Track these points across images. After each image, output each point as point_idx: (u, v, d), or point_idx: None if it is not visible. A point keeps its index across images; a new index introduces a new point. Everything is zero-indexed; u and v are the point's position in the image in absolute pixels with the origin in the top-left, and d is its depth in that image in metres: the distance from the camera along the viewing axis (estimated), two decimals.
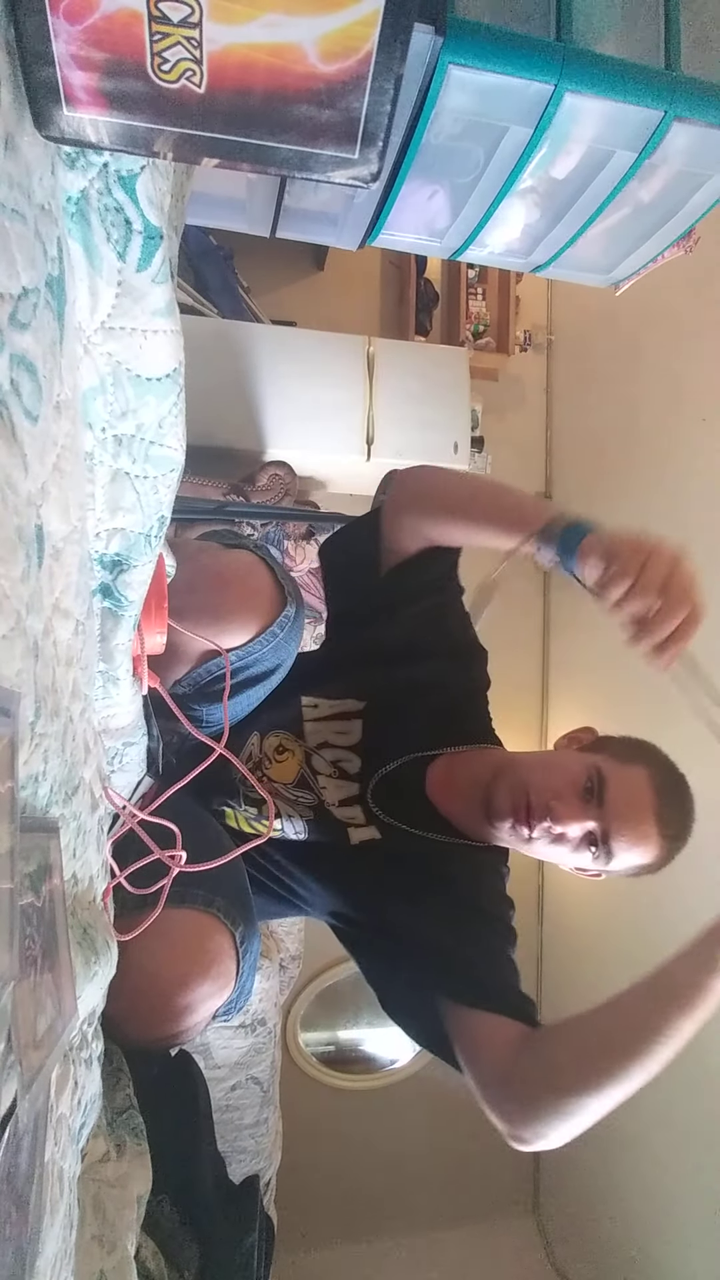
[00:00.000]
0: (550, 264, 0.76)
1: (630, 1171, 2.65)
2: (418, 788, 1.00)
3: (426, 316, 3.28)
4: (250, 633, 0.86)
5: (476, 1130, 2.98)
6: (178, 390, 0.50)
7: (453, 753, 1.02)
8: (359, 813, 1.00)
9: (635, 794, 0.89)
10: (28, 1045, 0.37)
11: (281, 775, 1.03)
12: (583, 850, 0.89)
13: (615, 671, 2.89)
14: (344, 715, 1.02)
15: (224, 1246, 0.81)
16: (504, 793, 0.92)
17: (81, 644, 0.51)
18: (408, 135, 0.59)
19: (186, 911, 0.76)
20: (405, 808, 0.99)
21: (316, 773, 1.02)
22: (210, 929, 0.77)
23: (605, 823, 0.88)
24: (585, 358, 3.26)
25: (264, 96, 0.35)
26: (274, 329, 2.70)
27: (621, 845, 0.88)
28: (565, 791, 0.90)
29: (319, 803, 1.01)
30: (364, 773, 1.01)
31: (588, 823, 0.88)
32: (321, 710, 1.03)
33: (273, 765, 1.03)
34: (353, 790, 1.01)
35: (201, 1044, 1.72)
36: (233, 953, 0.77)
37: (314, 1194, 2.93)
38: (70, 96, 0.34)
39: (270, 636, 0.87)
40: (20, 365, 0.35)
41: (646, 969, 0.82)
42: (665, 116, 0.58)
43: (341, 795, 1.01)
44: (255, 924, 0.83)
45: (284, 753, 1.03)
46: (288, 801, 1.02)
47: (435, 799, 1.00)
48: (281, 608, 0.87)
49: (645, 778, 0.90)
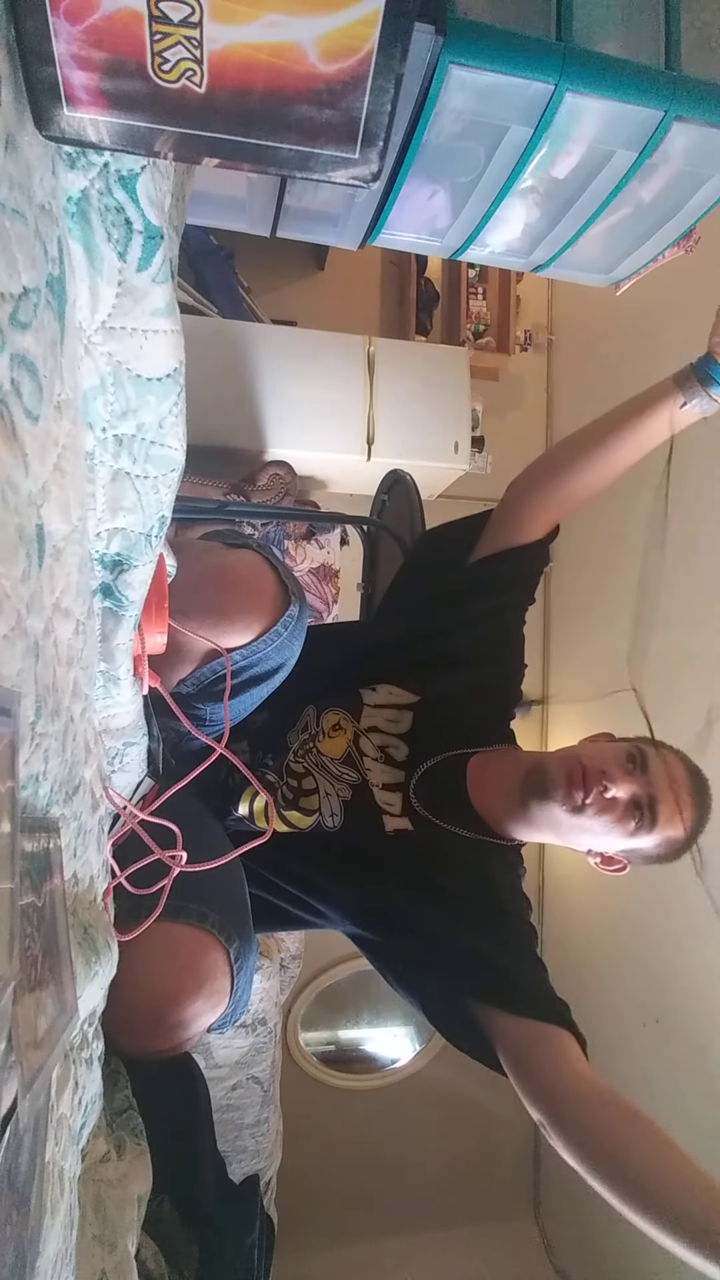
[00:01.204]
0: (551, 263, 0.76)
1: None
2: (458, 783, 1.04)
3: (427, 316, 3.29)
4: (254, 632, 0.86)
5: (477, 1131, 2.98)
6: (178, 390, 0.50)
7: (489, 751, 1.07)
8: (396, 800, 1.03)
9: (673, 769, 0.96)
10: (28, 1045, 0.37)
11: (331, 750, 1.06)
12: (626, 820, 0.94)
13: (617, 672, 2.89)
14: (398, 705, 1.07)
15: (224, 1246, 0.81)
16: (557, 766, 0.97)
17: (82, 644, 0.51)
18: (408, 135, 0.59)
19: (181, 927, 0.75)
20: (442, 802, 1.03)
21: (363, 754, 1.05)
22: (205, 945, 0.76)
23: (651, 789, 0.94)
24: (586, 357, 3.26)
25: (264, 96, 0.35)
26: (274, 329, 2.70)
27: (664, 812, 0.93)
28: (613, 761, 0.96)
29: (362, 781, 1.04)
30: (409, 762, 1.04)
31: (635, 787, 0.94)
32: (379, 697, 1.07)
33: (324, 739, 1.06)
34: (397, 777, 1.04)
35: (202, 1044, 1.72)
36: (227, 969, 0.77)
37: (314, 1194, 2.94)
38: (71, 96, 0.34)
39: (274, 636, 0.87)
40: (21, 365, 0.35)
41: (647, 969, 0.83)
42: (666, 116, 0.57)
43: (385, 779, 1.04)
44: (251, 939, 0.83)
45: (338, 730, 1.06)
46: (332, 777, 1.04)
47: (472, 795, 1.04)
48: (285, 607, 0.87)
49: (677, 758, 0.98)
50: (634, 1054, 2.60)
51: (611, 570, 2.92)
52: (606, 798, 0.94)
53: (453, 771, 1.05)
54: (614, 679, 2.92)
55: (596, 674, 3.03)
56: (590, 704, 3.07)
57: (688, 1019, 2.36)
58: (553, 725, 3.30)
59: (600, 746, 1.02)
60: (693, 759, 1.01)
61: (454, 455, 2.71)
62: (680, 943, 2.36)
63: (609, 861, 1.02)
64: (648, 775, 0.95)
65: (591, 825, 0.95)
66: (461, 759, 1.05)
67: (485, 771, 1.05)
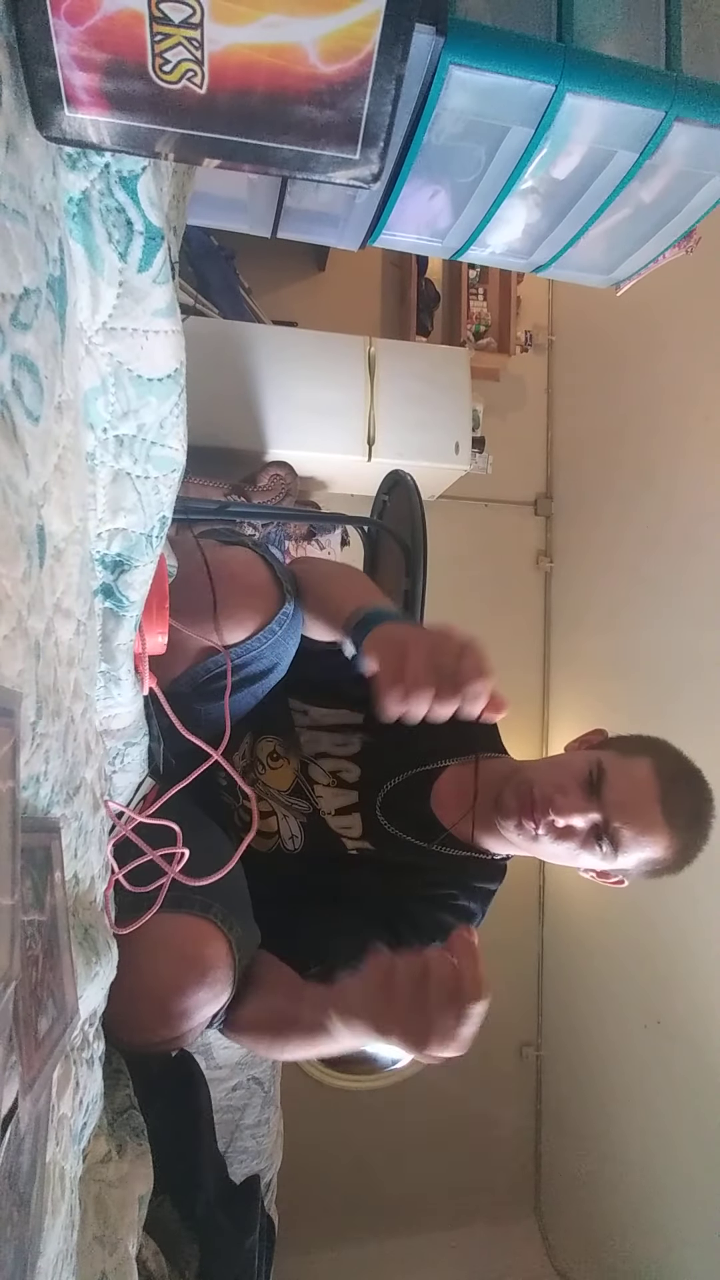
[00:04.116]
0: (551, 264, 0.76)
1: (630, 1172, 2.64)
2: (422, 800, 1.00)
3: (428, 317, 3.28)
4: (248, 630, 0.85)
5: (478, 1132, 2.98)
6: (179, 390, 0.50)
7: (460, 764, 1.01)
8: (356, 822, 1.00)
9: (636, 783, 0.88)
10: (29, 1046, 0.37)
11: (277, 782, 1.02)
12: (591, 845, 0.89)
13: (617, 672, 2.89)
14: (343, 727, 1.01)
15: (225, 1246, 0.81)
16: (510, 792, 0.93)
17: (83, 644, 0.51)
18: (409, 135, 0.59)
19: (183, 917, 0.75)
20: (410, 821, 0.99)
21: (313, 781, 1.01)
22: (207, 935, 0.76)
23: (608, 813, 0.87)
24: (586, 358, 3.26)
25: (265, 97, 0.35)
26: (275, 329, 2.70)
27: (626, 835, 0.87)
28: (567, 785, 0.89)
29: (314, 811, 1.00)
30: (364, 782, 1.00)
31: (591, 814, 0.88)
32: (315, 718, 1.02)
33: (267, 771, 1.02)
34: (351, 799, 1.00)
35: (203, 1044, 1.72)
36: (229, 959, 0.77)
37: (315, 1194, 2.93)
38: (72, 97, 0.34)
39: (269, 634, 0.85)
40: (22, 366, 0.35)
41: (648, 970, 0.82)
42: (666, 117, 0.57)
43: (339, 804, 1.00)
44: (253, 928, 0.83)
45: (279, 760, 1.02)
46: (283, 807, 1.02)
47: (439, 811, 1.00)
48: (280, 605, 0.86)
49: (648, 767, 0.89)
50: (635, 1054, 2.60)
51: (612, 570, 2.92)
52: (559, 827, 0.89)
53: (417, 790, 1.00)
54: (614, 679, 2.92)
55: (597, 674, 3.03)
56: (590, 697, 3.07)
57: (689, 1020, 2.36)
58: (553, 719, 3.30)
59: (561, 765, 0.94)
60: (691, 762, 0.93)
61: (455, 456, 2.71)
62: (681, 943, 2.35)
63: (603, 875, 0.96)
64: (599, 799, 0.88)
65: (556, 851, 0.91)
66: (426, 776, 1.00)
67: (456, 787, 1.00)
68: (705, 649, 2.34)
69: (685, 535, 2.47)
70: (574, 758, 0.95)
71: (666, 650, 2.55)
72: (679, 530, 2.50)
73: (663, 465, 2.59)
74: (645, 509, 2.66)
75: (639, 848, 0.88)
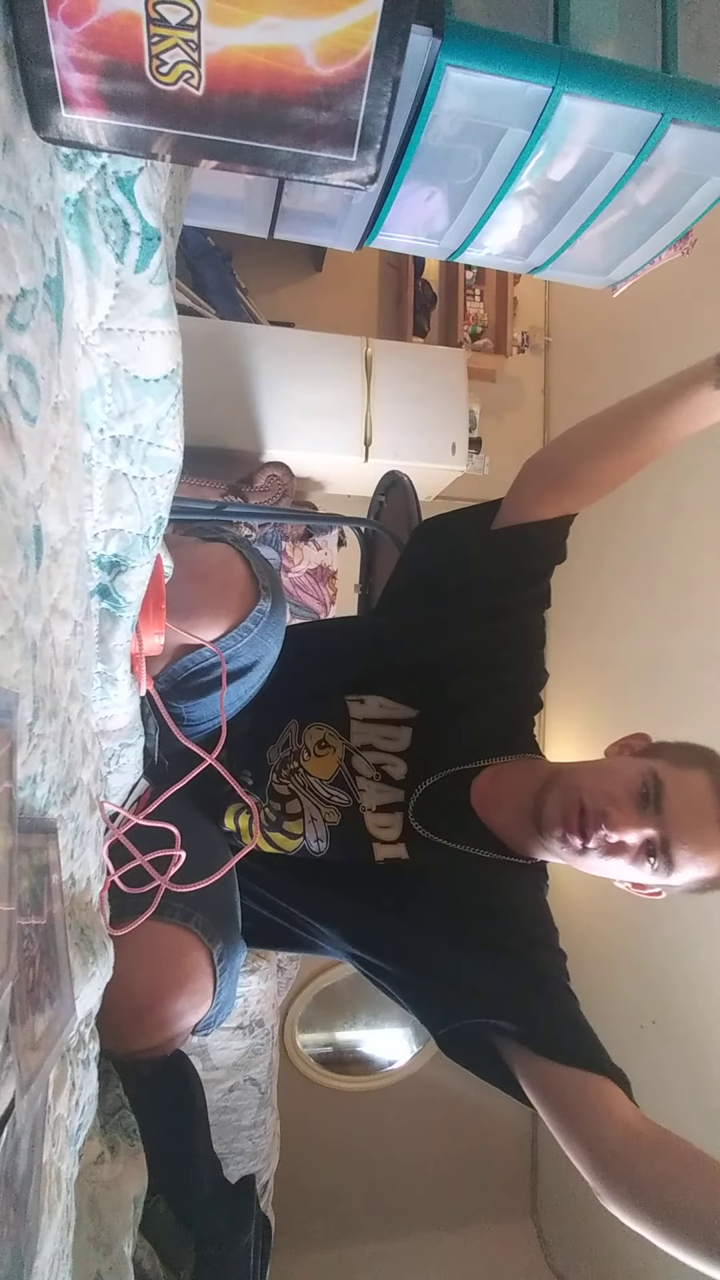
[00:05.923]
0: (548, 265, 0.76)
1: None
2: (463, 801, 0.96)
3: (424, 318, 3.29)
4: (222, 627, 0.82)
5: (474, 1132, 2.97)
6: (176, 391, 0.50)
7: (499, 763, 0.97)
8: (394, 823, 0.95)
9: (696, 799, 0.82)
10: (26, 1046, 0.37)
11: (319, 770, 0.97)
12: (641, 862, 0.83)
13: (617, 672, 2.89)
14: (394, 721, 0.98)
15: (220, 1246, 0.81)
16: (555, 800, 0.87)
17: (80, 645, 0.51)
18: (405, 137, 0.59)
19: (164, 925, 0.74)
20: (448, 822, 0.95)
21: (356, 774, 0.97)
22: (187, 945, 0.75)
23: (665, 830, 0.82)
24: (583, 359, 3.27)
25: (262, 99, 0.35)
26: (272, 330, 2.70)
27: (684, 854, 0.81)
28: (620, 797, 0.83)
29: (353, 805, 0.96)
30: (409, 780, 0.96)
31: (646, 830, 0.82)
32: (369, 710, 0.99)
33: (311, 759, 0.98)
34: (396, 796, 0.96)
35: (199, 1045, 1.72)
36: (209, 970, 0.75)
37: (312, 1195, 2.93)
38: (68, 98, 0.34)
39: (244, 631, 0.83)
40: (18, 366, 0.35)
41: (645, 970, 0.82)
42: (662, 119, 0.58)
43: (381, 800, 0.96)
44: (237, 941, 0.81)
45: (325, 748, 0.98)
46: (319, 799, 0.97)
47: (481, 812, 0.95)
48: (256, 601, 0.83)
49: (706, 782, 0.83)
50: (632, 1055, 2.59)
51: (606, 570, 2.92)
52: (611, 842, 0.83)
53: (456, 789, 0.96)
54: (614, 678, 2.92)
55: (591, 675, 3.03)
56: (590, 697, 3.07)
57: (685, 1020, 2.36)
58: (552, 720, 3.30)
59: (611, 772, 0.88)
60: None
61: (451, 456, 2.72)
62: (678, 943, 2.36)
63: (639, 886, 0.89)
64: (661, 814, 0.82)
65: (603, 866, 0.85)
66: (466, 774, 0.96)
67: (496, 786, 0.95)
68: (705, 649, 2.35)
69: (681, 535, 2.48)
70: (623, 765, 0.89)
71: (664, 650, 2.56)
72: (675, 530, 2.51)
73: (658, 464, 2.59)
74: (641, 509, 2.67)
75: (695, 867, 0.82)
